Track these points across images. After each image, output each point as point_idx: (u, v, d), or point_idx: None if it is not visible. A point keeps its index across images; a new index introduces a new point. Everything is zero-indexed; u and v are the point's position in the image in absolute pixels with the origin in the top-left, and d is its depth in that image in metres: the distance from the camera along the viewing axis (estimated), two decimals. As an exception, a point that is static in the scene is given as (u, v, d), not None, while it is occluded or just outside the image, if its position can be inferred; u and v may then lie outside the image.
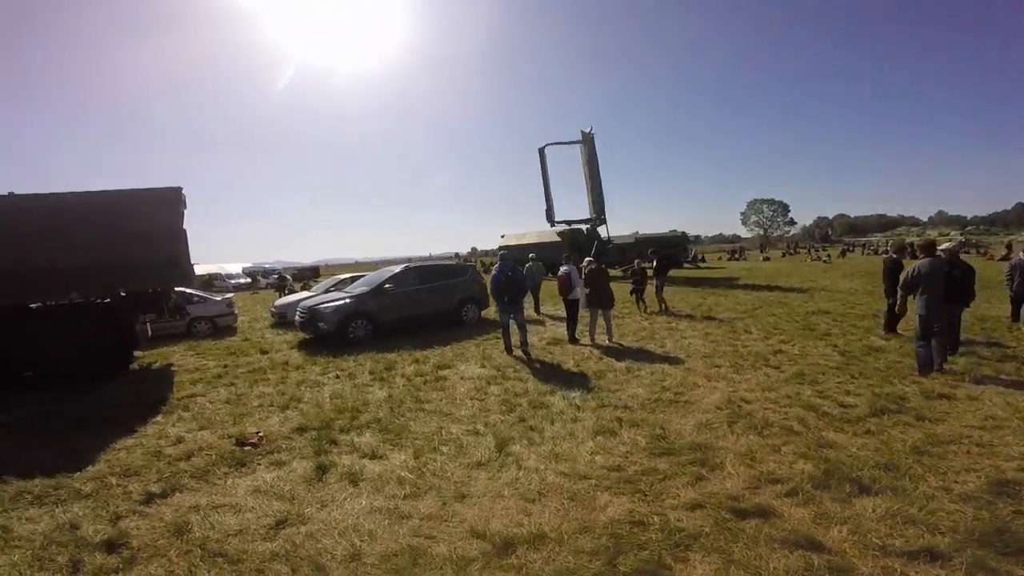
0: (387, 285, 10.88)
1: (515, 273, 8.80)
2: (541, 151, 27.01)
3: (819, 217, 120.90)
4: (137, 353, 9.57)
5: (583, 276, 9.42)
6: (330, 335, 10.06)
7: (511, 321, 8.50)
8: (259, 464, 4.57)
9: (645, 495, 3.67)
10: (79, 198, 7.93)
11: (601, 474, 4.02)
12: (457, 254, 78.29)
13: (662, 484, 3.82)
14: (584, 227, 26.56)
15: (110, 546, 3.35)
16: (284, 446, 4.95)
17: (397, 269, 11.54)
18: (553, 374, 7.13)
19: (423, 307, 11.15)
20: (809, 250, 49.55)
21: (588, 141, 25.25)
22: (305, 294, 15.25)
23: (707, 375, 6.69)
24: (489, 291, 10.57)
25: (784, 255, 51.24)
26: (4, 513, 3.87)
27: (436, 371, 7.52)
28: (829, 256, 40.15)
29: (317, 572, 3.00)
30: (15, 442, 5.39)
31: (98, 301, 8.50)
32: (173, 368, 8.99)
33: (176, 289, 9.86)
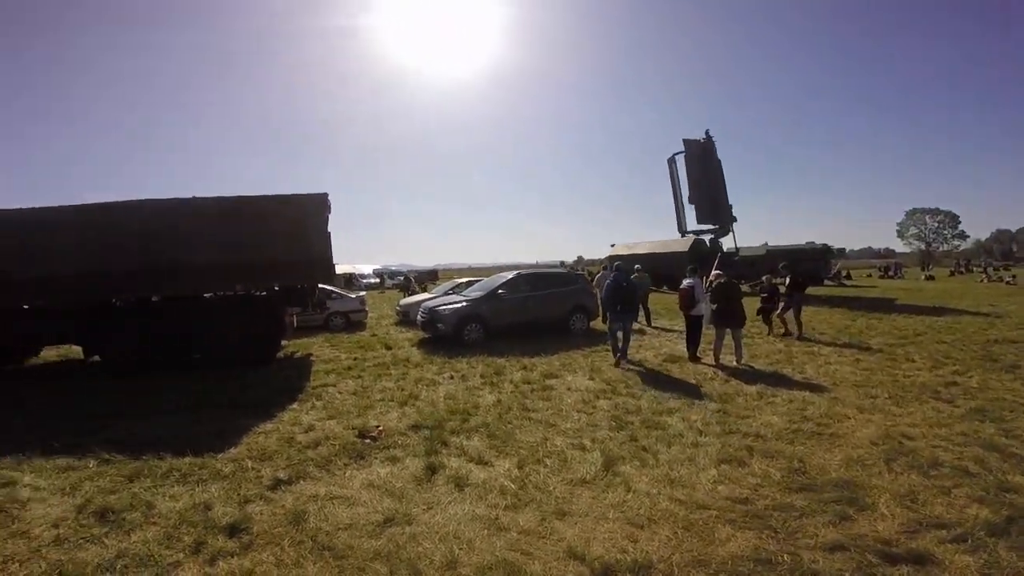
0: (500, 291, 11.12)
1: (629, 284, 8.87)
2: (670, 161, 25.79)
3: (999, 230, 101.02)
4: (284, 342, 10.71)
5: (709, 290, 8.69)
6: (447, 336, 10.50)
7: (619, 331, 8.49)
8: (376, 458, 4.72)
9: (776, 532, 3.25)
10: (243, 201, 9.01)
11: (724, 505, 3.64)
12: (563, 262, 78.09)
13: (797, 522, 3.37)
14: (707, 237, 24.86)
15: (232, 530, 3.52)
16: (400, 442, 5.08)
17: (510, 276, 11.76)
18: (670, 393, 6.65)
19: (533, 314, 11.20)
20: (985, 268, 41.22)
21: (702, 148, 23.54)
22: (426, 295, 16.14)
23: (859, 406, 5.83)
24: (600, 300, 10.33)
25: (952, 273, 44.09)
26: (153, 489, 4.19)
27: (543, 379, 7.42)
28: (1014, 277, 33.27)
29: (413, 576, 3.00)
30: (179, 420, 6.11)
31: (257, 294, 9.67)
32: (312, 358, 9.90)
33: (318, 286, 10.94)
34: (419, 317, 11.62)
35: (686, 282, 8.81)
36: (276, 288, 9.62)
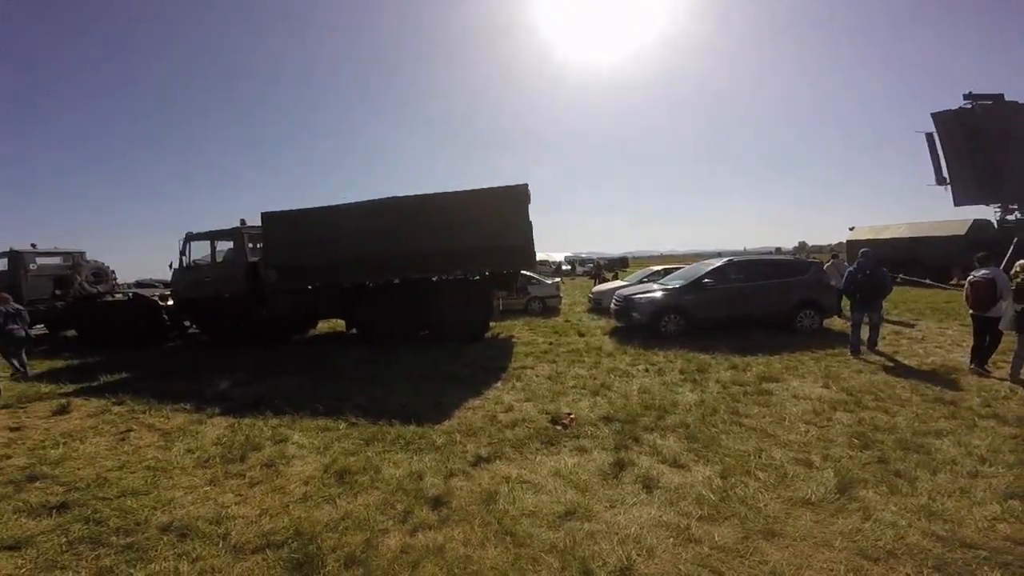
0: (706, 280, 10.09)
1: (875, 272, 8.02)
2: (938, 122, 20.48)
3: None
4: (491, 324, 11.58)
5: (1014, 285, 6.45)
6: (642, 326, 10.04)
7: (864, 320, 8.02)
8: (565, 446, 4.70)
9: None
10: (461, 195, 10.00)
11: (1000, 547, 2.91)
12: (778, 249, 68.37)
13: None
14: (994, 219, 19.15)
15: (436, 502, 3.72)
16: (590, 432, 4.99)
17: (719, 263, 10.56)
18: (941, 411, 5.24)
19: (747, 307, 9.86)
20: None
21: (980, 113, 17.88)
22: (620, 283, 15.78)
23: None
24: (841, 288, 8.83)
25: None
26: (382, 454, 4.63)
27: (759, 382, 6.50)
28: None
29: (582, 576, 2.84)
30: (408, 390, 6.90)
31: (471, 279, 10.64)
32: (513, 340, 10.49)
33: (521, 272, 11.57)
34: (612, 305, 11.35)
35: (981, 273, 6.73)
36: (487, 273, 10.44)
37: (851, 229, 26.07)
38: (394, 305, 10.67)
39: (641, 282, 13.80)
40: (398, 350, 9.62)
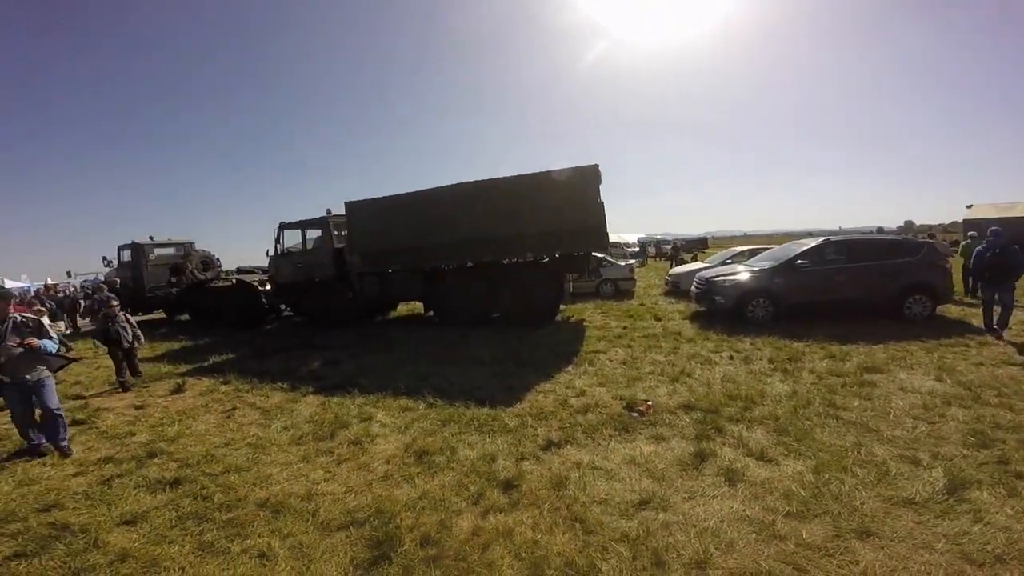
0: (799, 261, 9.29)
1: (1006, 250, 7.73)
2: None
3: None
4: (562, 306, 11.48)
5: None
6: (725, 310, 9.52)
7: (995, 299, 7.75)
8: (641, 433, 4.58)
9: None
10: (530, 178, 9.90)
11: None
12: (880, 229, 61.84)
13: None
14: None
15: (507, 485, 3.75)
16: (668, 421, 4.83)
17: (815, 243, 9.67)
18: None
19: (847, 292, 8.94)
20: None
21: None
22: (699, 264, 15.08)
23: None
24: (970, 268, 8.49)
25: None
26: (458, 435, 4.74)
27: (861, 373, 5.95)
28: None
29: (655, 568, 2.77)
30: (482, 372, 7.06)
31: (542, 261, 10.59)
32: (585, 324, 10.35)
33: (592, 253, 11.34)
34: (693, 288, 10.85)
35: None
36: (557, 255, 10.34)
37: (969, 207, 23.29)
38: (468, 288, 10.91)
39: (724, 264, 13.09)
40: (472, 332, 9.84)
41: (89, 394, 7.25)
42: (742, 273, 9.85)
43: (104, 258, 16.45)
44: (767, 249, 12.40)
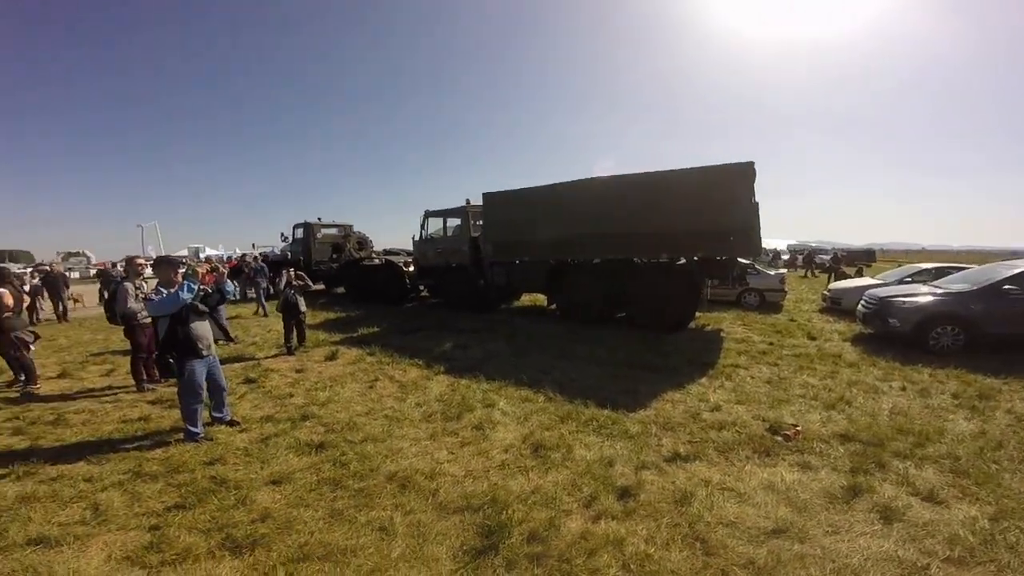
0: (1008, 286, 7.56)
1: None
2: None
3: None
4: (696, 314, 10.67)
5: None
6: (901, 336, 8.11)
7: None
8: (784, 459, 4.15)
9: None
10: (674, 174, 9.26)
11: None
12: None
13: None
14: None
15: (623, 493, 3.61)
16: (819, 449, 4.31)
17: (1030, 264, 7.83)
18: None
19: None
20: None
21: None
22: (867, 280, 13.09)
23: None
24: None
25: None
26: (575, 433, 4.69)
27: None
28: None
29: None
30: (604, 372, 6.87)
31: (677, 263, 9.97)
32: (722, 334, 9.54)
33: (738, 259, 10.37)
34: (861, 307, 9.41)
35: None
36: (696, 258, 9.65)
37: None
38: (595, 285, 10.64)
39: (902, 282, 11.21)
40: (596, 330, 9.63)
41: (261, 355, 8.38)
42: (926, 295, 8.34)
43: (282, 234, 19.15)
44: (960, 269, 10.41)
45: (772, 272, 14.20)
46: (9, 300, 6.37)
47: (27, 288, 12.70)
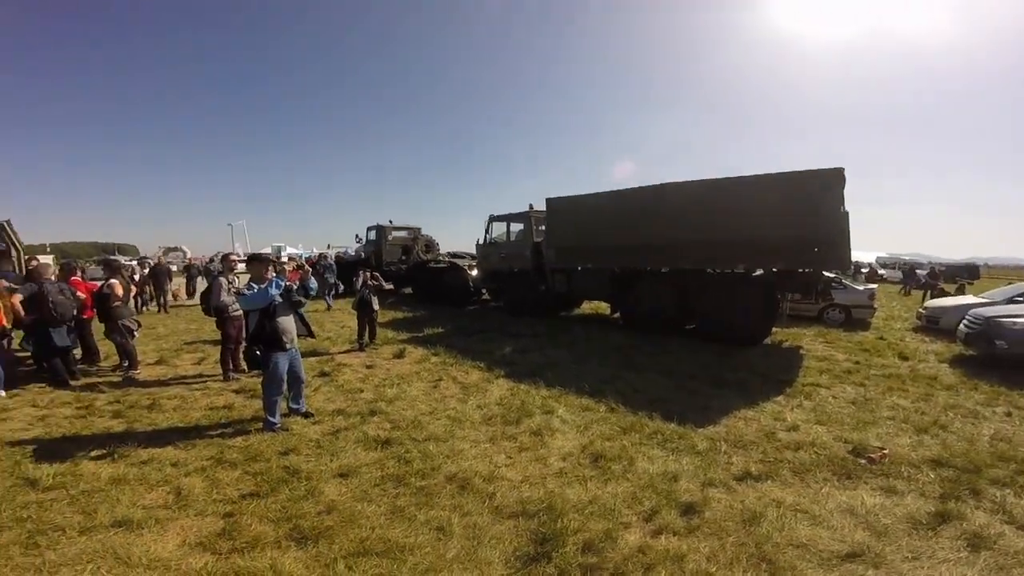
0: None
1: None
2: None
3: None
4: (773, 329, 10.00)
5: None
6: (1010, 359, 7.28)
7: None
8: (866, 483, 3.92)
9: None
10: (754, 180, 8.72)
11: None
12: None
13: None
14: None
15: (687, 509, 3.49)
16: (906, 474, 4.06)
17: None
18: None
19: None
20: None
21: None
22: (969, 299, 11.83)
23: None
24: None
25: None
26: (638, 445, 4.57)
27: None
28: None
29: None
30: (670, 385, 6.62)
31: (754, 275, 9.43)
32: (801, 351, 8.93)
33: (823, 273, 9.61)
34: (963, 327, 8.52)
35: None
36: (775, 270, 9.09)
37: None
38: (662, 295, 10.25)
39: (1014, 300, 10.04)
40: (662, 342, 9.28)
41: (335, 350, 8.80)
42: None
43: (356, 235, 20.11)
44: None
45: (861, 287, 13.05)
46: (119, 290, 7.10)
47: (136, 278, 14.14)
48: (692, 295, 9.80)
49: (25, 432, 4.93)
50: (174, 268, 18.48)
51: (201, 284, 15.12)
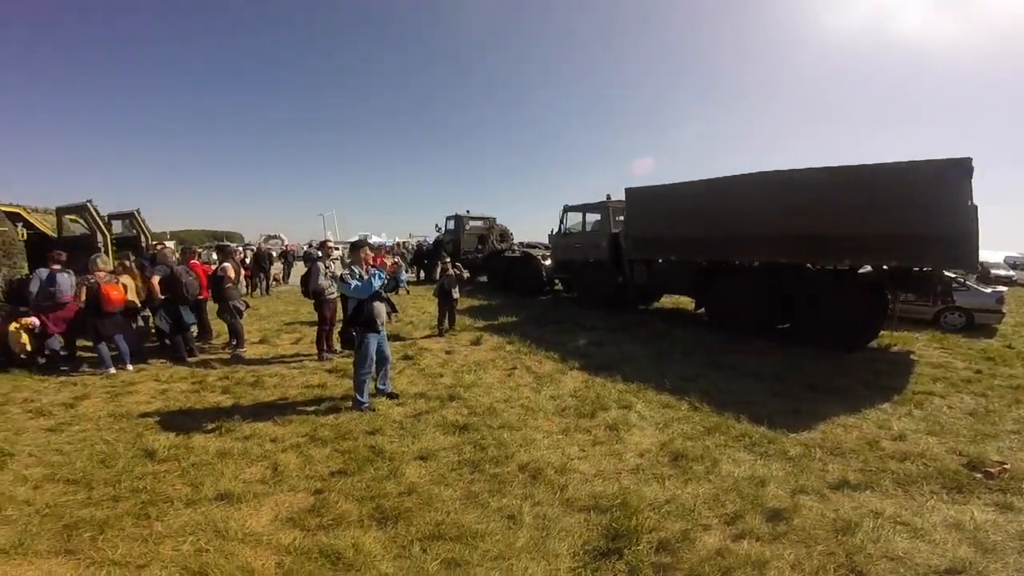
0: None
1: None
2: None
3: None
4: (880, 331, 9.00)
5: None
6: None
7: None
8: (980, 498, 3.66)
9: None
10: (868, 170, 7.89)
11: None
12: None
13: None
14: None
15: (774, 515, 3.34)
16: None
17: None
18: None
19: None
20: None
21: None
22: None
23: None
24: None
25: None
26: (723, 447, 4.39)
27: None
28: None
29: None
30: (761, 387, 6.25)
31: (861, 271, 8.61)
32: (912, 357, 8.06)
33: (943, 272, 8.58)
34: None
35: None
36: (886, 267, 8.26)
37: None
38: (754, 290, 9.55)
39: None
40: (750, 341, 8.73)
41: (417, 335, 9.17)
42: None
43: (436, 225, 20.87)
44: None
45: (987, 289, 11.46)
46: (232, 273, 7.86)
47: (247, 263, 15.56)
48: (789, 292, 9.06)
49: (148, 405, 5.54)
50: (274, 254, 20.14)
51: (299, 270, 16.36)
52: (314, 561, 2.87)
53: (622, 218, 12.05)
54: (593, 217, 13.16)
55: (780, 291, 9.15)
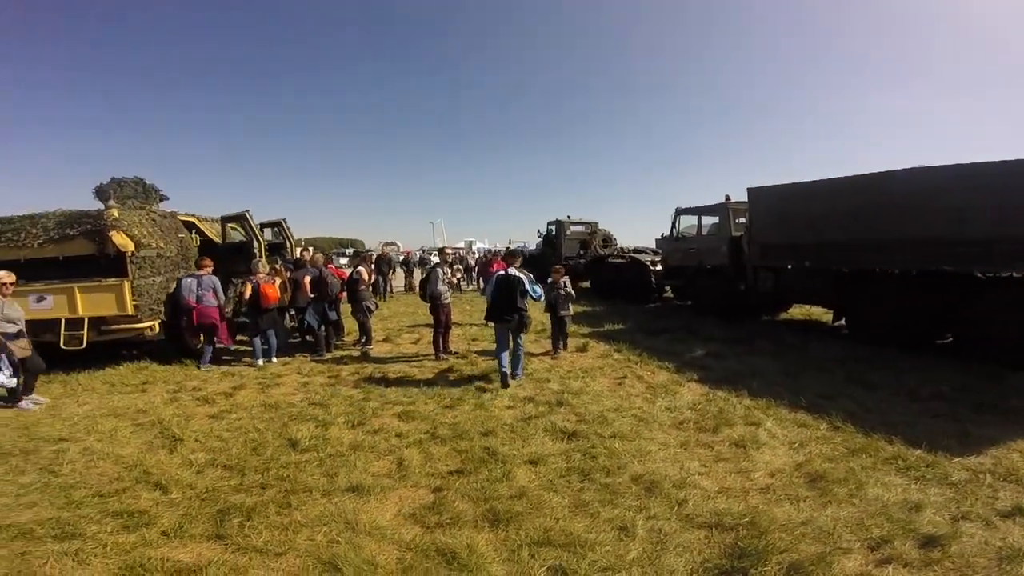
0: None
1: None
2: None
3: None
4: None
5: None
6: None
7: None
8: None
9: None
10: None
11: None
12: None
13: None
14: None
15: (928, 541, 3.01)
16: None
17: None
18: None
19: None
20: None
21: None
22: None
23: None
24: None
25: None
26: (870, 470, 3.95)
27: None
28: None
29: None
30: (915, 407, 5.46)
31: None
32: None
33: None
34: None
35: None
36: None
37: None
38: (907, 300, 8.30)
39: None
40: (898, 357, 7.56)
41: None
42: None
43: (538, 231, 21.17)
44: None
45: None
46: (366, 276, 8.70)
47: (375, 267, 17.08)
48: (953, 303, 7.80)
49: (292, 396, 6.17)
50: (393, 259, 21.83)
51: (417, 275, 17.53)
52: (431, 559, 2.94)
53: (743, 220, 11.17)
54: (710, 220, 12.32)
55: (944, 301, 7.90)
